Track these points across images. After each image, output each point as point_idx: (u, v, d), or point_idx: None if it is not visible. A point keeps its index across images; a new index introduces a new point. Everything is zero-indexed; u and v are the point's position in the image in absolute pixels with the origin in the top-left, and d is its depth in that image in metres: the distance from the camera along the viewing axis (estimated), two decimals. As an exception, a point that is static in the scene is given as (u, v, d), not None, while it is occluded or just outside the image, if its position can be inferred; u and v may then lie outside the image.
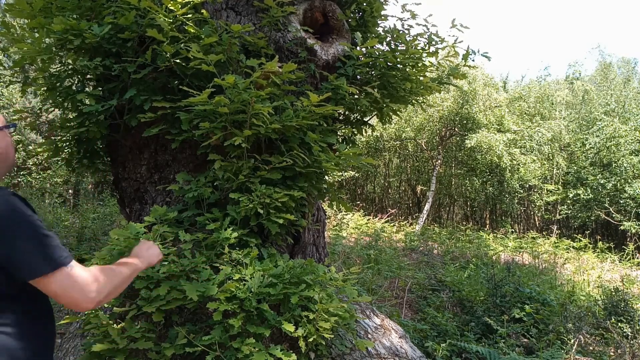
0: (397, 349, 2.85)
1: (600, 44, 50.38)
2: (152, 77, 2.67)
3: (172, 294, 2.17)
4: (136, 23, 2.51)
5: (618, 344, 4.38)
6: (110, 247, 2.29)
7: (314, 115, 2.64)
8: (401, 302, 5.63)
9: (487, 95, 15.75)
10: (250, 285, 2.21)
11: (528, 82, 21.18)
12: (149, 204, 2.84)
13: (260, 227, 2.63)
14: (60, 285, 1.22)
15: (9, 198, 1.22)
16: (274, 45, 2.96)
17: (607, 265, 10.38)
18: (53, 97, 2.75)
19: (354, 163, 2.94)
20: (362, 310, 3.13)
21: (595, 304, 5.75)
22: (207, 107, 2.41)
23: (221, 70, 2.61)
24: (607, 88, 20.10)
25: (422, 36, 3.38)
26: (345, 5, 3.39)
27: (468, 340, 4.32)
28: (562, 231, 17.18)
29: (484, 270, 7.40)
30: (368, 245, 8.87)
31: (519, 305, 5.05)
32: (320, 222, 3.38)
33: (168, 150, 2.82)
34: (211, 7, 2.92)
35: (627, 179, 14.06)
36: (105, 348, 2.07)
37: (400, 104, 3.52)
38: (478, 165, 16.48)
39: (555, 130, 16.27)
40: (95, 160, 3.11)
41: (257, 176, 2.58)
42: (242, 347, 2.08)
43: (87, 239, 7.00)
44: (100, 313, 2.18)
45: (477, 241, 12.02)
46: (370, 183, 20.79)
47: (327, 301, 2.33)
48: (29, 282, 1.22)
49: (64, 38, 2.44)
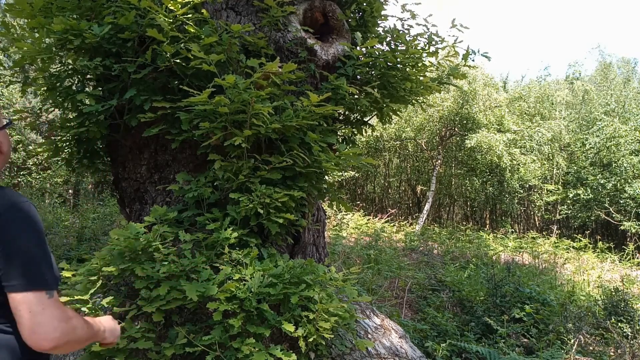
0: (397, 349, 2.85)
1: (600, 44, 50.46)
2: (152, 77, 2.67)
3: (172, 294, 2.17)
4: (136, 23, 2.51)
5: (618, 344, 4.38)
6: (110, 247, 2.29)
7: (314, 115, 2.64)
8: (401, 302, 5.63)
9: (487, 95, 15.76)
10: (250, 285, 2.21)
11: (528, 82, 21.21)
12: (149, 204, 2.84)
13: (260, 227, 2.63)
14: (28, 308, 1.11)
15: (30, 206, 1.19)
16: (274, 45, 2.96)
17: (607, 265, 10.38)
18: (53, 97, 2.75)
19: (354, 163, 2.94)
20: (362, 310, 3.13)
21: (595, 304, 5.75)
22: (207, 107, 2.41)
23: (221, 70, 2.60)
24: (607, 88, 20.11)
25: (422, 36, 3.38)
26: (345, 5, 3.39)
27: (468, 340, 4.32)
28: (562, 231, 17.18)
29: (484, 270, 7.41)
30: (368, 245, 8.87)
31: (519, 305, 5.06)
32: (320, 222, 3.38)
33: (168, 150, 2.82)
34: (211, 7, 2.92)
35: (627, 179, 14.06)
36: (105, 348, 2.07)
37: (400, 103, 3.52)
38: (478, 165, 16.48)
39: (555, 130, 16.27)
40: (95, 160, 3.11)
41: (257, 176, 2.58)
42: (242, 347, 2.08)
43: (87, 239, 7.01)
44: (100, 313, 2.18)
45: (477, 241, 12.02)
46: (370, 183, 20.80)
47: (327, 301, 2.33)
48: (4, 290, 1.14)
49: (64, 38, 2.44)
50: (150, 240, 2.27)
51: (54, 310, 1.14)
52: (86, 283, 2.23)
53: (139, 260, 2.28)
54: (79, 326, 1.21)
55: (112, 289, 2.43)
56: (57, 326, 1.13)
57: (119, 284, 2.42)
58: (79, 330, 1.21)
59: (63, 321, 1.15)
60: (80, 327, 1.22)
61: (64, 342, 1.15)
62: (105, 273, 2.22)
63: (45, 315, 1.12)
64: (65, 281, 2.24)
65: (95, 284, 2.22)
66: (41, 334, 1.11)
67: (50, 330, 1.12)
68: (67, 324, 1.16)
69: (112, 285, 2.43)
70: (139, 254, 2.29)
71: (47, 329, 1.12)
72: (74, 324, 1.19)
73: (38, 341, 1.11)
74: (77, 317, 1.23)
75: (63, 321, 1.15)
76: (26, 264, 1.14)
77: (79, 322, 1.22)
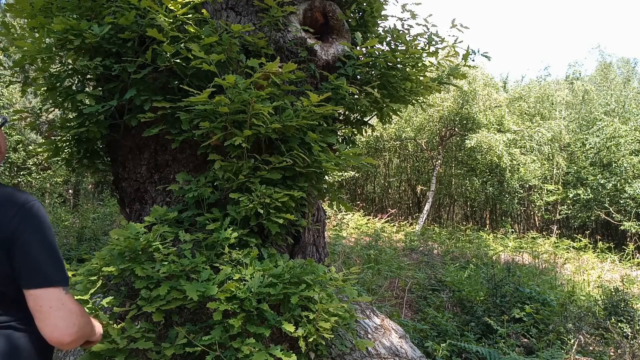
0: (397, 349, 2.85)
1: (600, 44, 50.48)
2: (152, 77, 2.67)
3: (172, 294, 2.17)
4: (136, 23, 2.51)
5: (618, 344, 4.38)
6: (110, 247, 2.29)
7: (314, 115, 2.64)
8: (401, 302, 5.63)
9: (487, 95, 15.76)
10: (250, 285, 2.21)
11: (528, 82, 21.22)
12: (149, 204, 2.84)
13: (260, 227, 2.63)
14: (49, 304, 1.14)
15: (40, 204, 1.22)
16: (274, 45, 2.96)
17: (607, 265, 10.38)
18: (53, 97, 2.75)
19: (354, 163, 2.94)
20: (362, 310, 3.13)
21: (595, 304, 5.75)
22: (207, 106, 2.41)
23: (221, 70, 2.60)
24: (607, 88, 20.12)
25: (422, 36, 3.38)
26: (345, 5, 3.39)
27: (468, 340, 4.32)
28: (562, 231, 17.18)
29: (484, 270, 7.41)
30: (368, 245, 8.87)
31: (519, 305, 5.06)
32: (320, 222, 3.38)
33: (168, 150, 2.82)
34: (211, 7, 2.92)
35: (627, 179, 14.06)
36: (105, 348, 2.07)
37: (400, 103, 3.52)
38: (478, 165, 16.48)
39: (555, 130, 16.27)
40: (95, 160, 3.11)
41: (257, 176, 2.58)
42: (242, 347, 2.08)
43: (87, 239, 7.01)
44: (100, 313, 2.18)
45: (477, 241, 12.02)
46: (370, 183, 20.80)
47: (327, 301, 2.33)
48: (23, 289, 1.16)
49: (64, 38, 2.44)
50: (150, 240, 2.27)
51: (71, 305, 1.17)
52: (86, 283, 2.23)
53: (139, 260, 2.28)
54: (89, 321, 1.26)
55: (112, 289, 2.43)
56: (76, 321, 1.17)
57: (119, 284, 2.42)
58: (90, 325, 1.26)
59: (80, 315, 1.19)
60: (90, 322, 1.27)
61: (80, 336, 1.18)
62: (105, 273, 2.23)
63: (64, 310, 1.15)
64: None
65: (95, 284, 2.22)
66: (62, 329, 1.14)
67: (70, 324, 1.15)
68: (83, 318, 1.20)
69: (112, 285, 2.43)
70: (139, 254, 2.30)
71: (67, 324, 1.15)
72: (87, 319, 1.23)
73: (60, 336, 1.14)
74: (85, 313, 1.26)
75: (80, 315, 1.19)
76: (43, 261, 1.16)
77: (88, 317, 1.26)
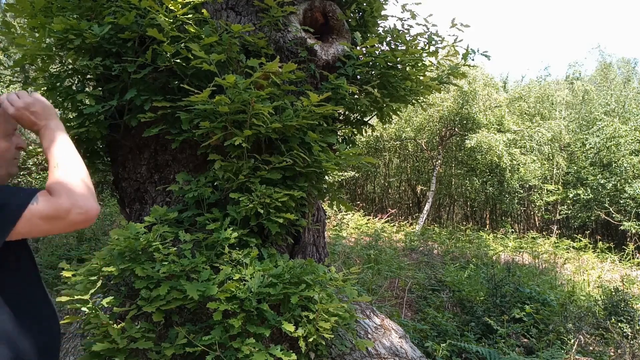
0: (397, 349, 2.85)
1: (600, 44, 50.39)
2: (152, 77, 2.67)
3: (172, 294, 2.17)
4: (136, 23, 2.51)
5: (618, 344, 4.38)
6: (110, 247, 2.29)
7: (314, 115, 2.64)
8: (401, 302, 5.63)
9: (487, 95, 15.76)
10: (250, 285, 2.21)
11: (528, 82, 21.22)
12: (149, 204, 2.84)
13: (260, 227, 2.63)
14: (46, 204, 1.16)
15: None
16: (274, 45, 2.96)
17: (607, 265, 10.38)
18: (53, 97, 2.75)
19: (354, 163, 2.94)
20: (362, 310, 3.13)
21: (595, 304, 5.75)
22: (207, 106, 2.41)
23: (221, 70, 2.60)
24: (607, 88, 20.10)
25: (422, 36, 3.38)
26: (345, 5, 3.39)
27: (468, 340, 4.32)
28: (562, 231, 17.17)
29: (484, 270, 7.40)
30: (368, 245, 8.87)
31: (519, 305, 5.05)
32: (320, 222, 3.38)
33: (168, 150, 2.82)
34: (211, 7, 2.92)
35: (627, 179, 14.06)
36: (105, 348, 2.07)
37: (400, 103, 3.52)
38: (478, 165, 16.47)
39: (555, 130, 16.26)
40: (95, 160, 3.11)
41: (257, 176, 2.58)
42: (242, 347, 2.08)
43: (87, 239, 7.00)
44: (100, 313, 2.18)
45: (477, 241, 12.01)
46: (370, 183, 20.79)
47: (327, 301, 2.33)
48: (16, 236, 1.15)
49: (64, 38, 2.44)
50: (150, 240, 2.27)
51: (64, 183, 1.22)
52: (86, 283, 2.23)
53: (139, 260, 2.28)
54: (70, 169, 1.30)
55: (112, 289, 2.43)
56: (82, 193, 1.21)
57: (119, 284, 2.42)
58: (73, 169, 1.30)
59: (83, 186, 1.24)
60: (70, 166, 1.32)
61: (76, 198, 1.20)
62: (105, 273, 2.22)
63: (48, 202, 1.17)
64: (65, 281, 2.24)
65: (95, 284, 2.22)
66: (86, 205, 1.19)
67: (65, 200, 1.18)
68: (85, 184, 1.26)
69: (112, 285, 2.43)
70: (139, 254, 2.30)
71: (73, 200, 1.19)
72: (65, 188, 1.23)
73: (82, 213, 1.18)
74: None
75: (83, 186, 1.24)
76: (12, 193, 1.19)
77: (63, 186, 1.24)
